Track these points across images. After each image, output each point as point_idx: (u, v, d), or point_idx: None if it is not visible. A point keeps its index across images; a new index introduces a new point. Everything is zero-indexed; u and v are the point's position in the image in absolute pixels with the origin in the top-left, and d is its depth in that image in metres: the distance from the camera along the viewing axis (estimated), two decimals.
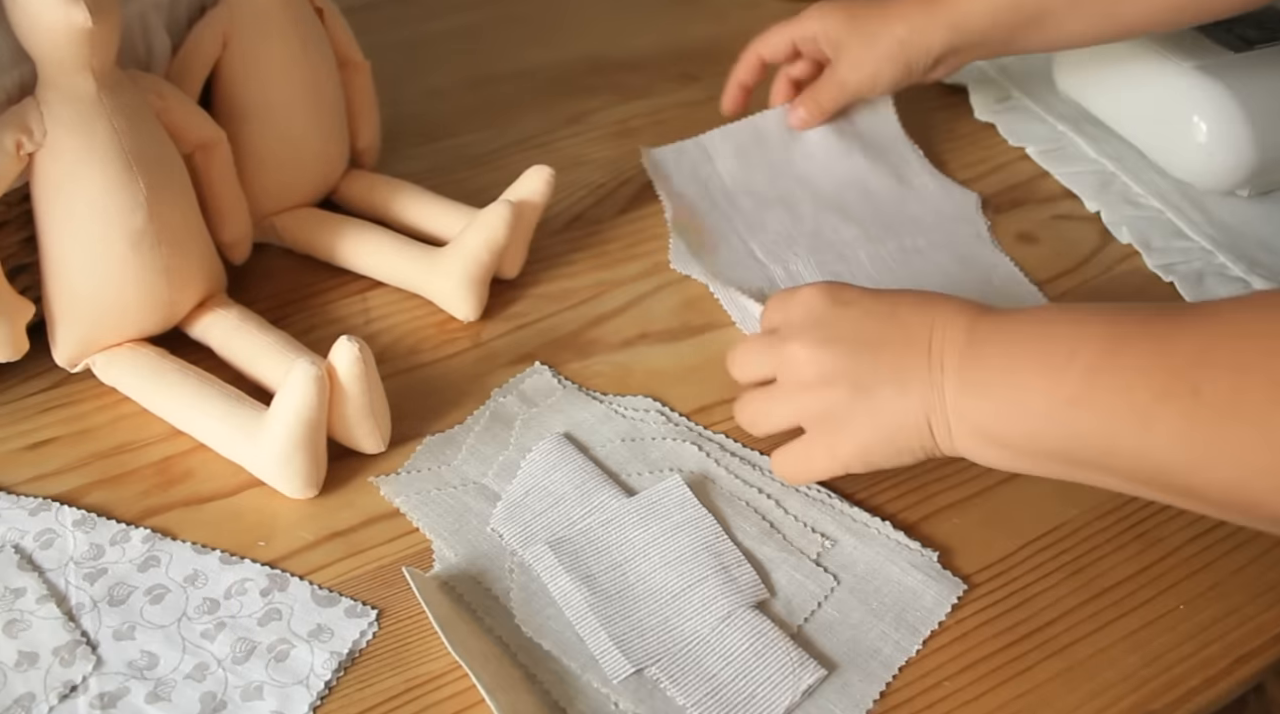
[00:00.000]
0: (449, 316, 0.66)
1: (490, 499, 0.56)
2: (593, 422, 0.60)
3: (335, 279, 0.68)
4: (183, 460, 0.57)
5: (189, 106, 0.61)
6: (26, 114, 0.53)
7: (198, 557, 0.53)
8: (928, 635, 0.52)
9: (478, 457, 0.58)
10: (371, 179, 0.72)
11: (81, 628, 0.50)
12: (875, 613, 0.52)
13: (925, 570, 0.54)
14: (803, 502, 0.57)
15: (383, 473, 0.57)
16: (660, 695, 0.49)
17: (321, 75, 0.67)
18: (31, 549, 0.52)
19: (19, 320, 0.57)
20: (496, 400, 0.61)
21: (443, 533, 0.54)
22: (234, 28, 0.63)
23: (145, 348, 0.60)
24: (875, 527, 0.55)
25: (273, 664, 0.49)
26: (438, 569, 0.53)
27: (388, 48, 0.84)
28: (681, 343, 0.66)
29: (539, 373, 0.63)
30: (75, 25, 0.50)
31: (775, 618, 0.51)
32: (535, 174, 0.67)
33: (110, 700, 0.47)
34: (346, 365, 0.54)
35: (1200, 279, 0.71)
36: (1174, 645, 0.52)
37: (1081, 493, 0.58)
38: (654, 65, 0.89)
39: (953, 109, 0.87)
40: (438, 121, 0.82)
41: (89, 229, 0.55)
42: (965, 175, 0.80)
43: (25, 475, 0.56)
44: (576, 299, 0.69)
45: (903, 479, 0.58)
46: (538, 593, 0.52)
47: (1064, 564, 0.55)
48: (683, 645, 0.50)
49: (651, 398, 0.62)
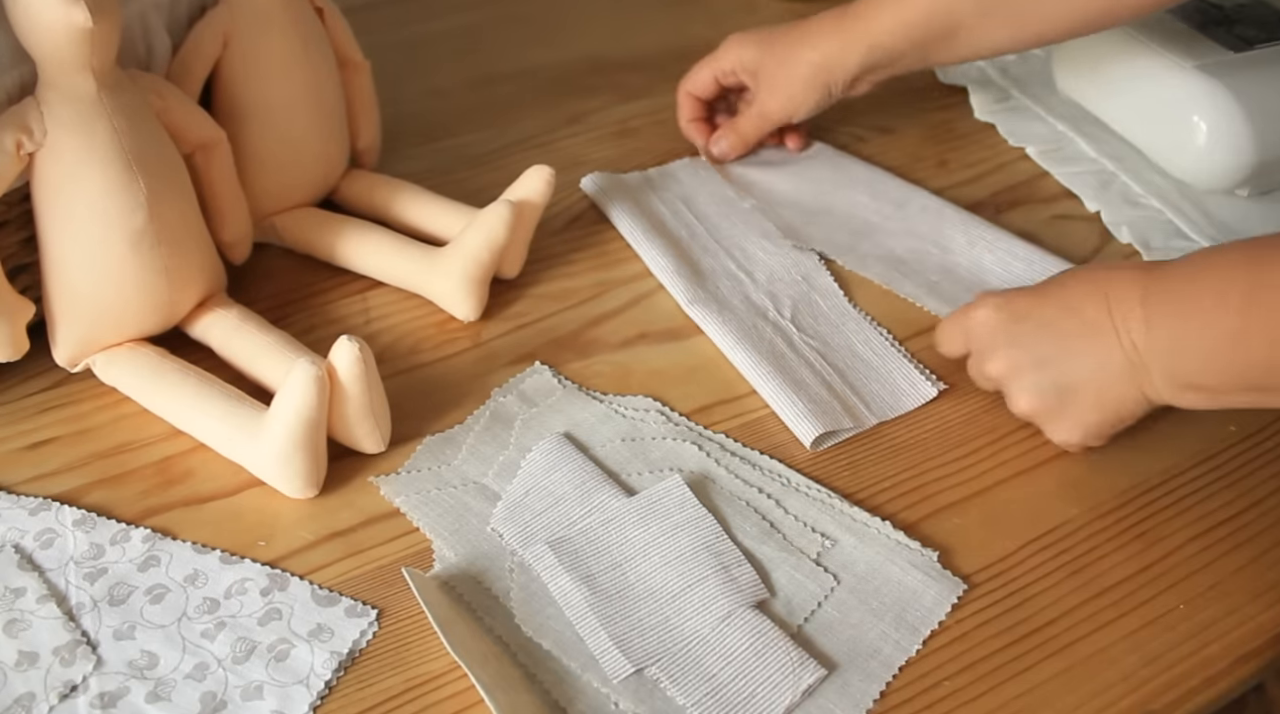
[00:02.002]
0: (449, 316, 0.66)
1: (490, 499, 0.56)
2: (593, 421, 0.60)
3: (335, 279, 0.68)
4: (183, 460, 0.57)
5: (189, 106, 0.61)
6: (27, 114, 0.53)
7: (198, 556, 0.53)
8: (928, 635, 0.52)
9: (478, 456, 0.58)
10: (372, 179, 0.72)
11: (82, 628, 0.50)
12: (875, 613, 0.52)
13: (925, 570, 0.54)
14: (803, 501, 0.57)
15: (382, 473, 0.57)
16: (660, 695, 0.49)
17: (322, 75, 0.67)
18: (32, 549, 0.52)
19: (19, 320, 0.57)
20: (496, 400, 0.61)
21: (443, 533, 0.54)
22: (234, 27, 0.63)
23: (145, 348, 0.60)
24: (875, 526, 0.55)
25: (273, 664, 0.49)
26: (438, 569, 0.53)
27: (388, 48, 0.84)
28: (682, 343, 0.66)
29: (539, 373, 0.63)
30: (75, 25, 0.50)
31: (775, 618, 0.51)
32: (535, 174, 0.67)
33: (110, 700, 0.47)
34: (347, 365, 0.54)
35: None
36: (1174, 645, 0.52)
37: (1081, 493, 0.58)
38: (654, 65, 0.89)
39: (953, 109, 0.87)
40: (438, 121, 0.82)
41: (89, 229, 0.55)
42: (965, 175, 0.80)
43: (25, 475, 0.56)
44: (576, 299, 0.69)
45: (903, 479, 0.59)
46: (538, 593, 0.52)
47: (1064, 564, 0.55)
48: (683, 645, 0.50)
49: (651, 398, 0.62)
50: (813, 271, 0.70)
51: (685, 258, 0.70)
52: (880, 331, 0.67)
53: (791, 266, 0.70)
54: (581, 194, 0.76)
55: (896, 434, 0.61)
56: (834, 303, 0.68)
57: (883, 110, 0.86)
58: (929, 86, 0.89)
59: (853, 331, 0.66)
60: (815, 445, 0.59)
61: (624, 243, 0.72)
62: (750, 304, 0.67)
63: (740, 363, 0.63)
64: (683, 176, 0.77)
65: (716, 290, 0.68)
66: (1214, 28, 0.78)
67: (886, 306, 0.69)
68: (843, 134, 0.83)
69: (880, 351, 0.65)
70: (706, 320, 0.66)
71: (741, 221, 0.73)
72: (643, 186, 0.76)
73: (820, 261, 0.71)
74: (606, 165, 0.78)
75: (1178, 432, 0.62)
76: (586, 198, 0.76)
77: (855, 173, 0.78)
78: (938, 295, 0.69)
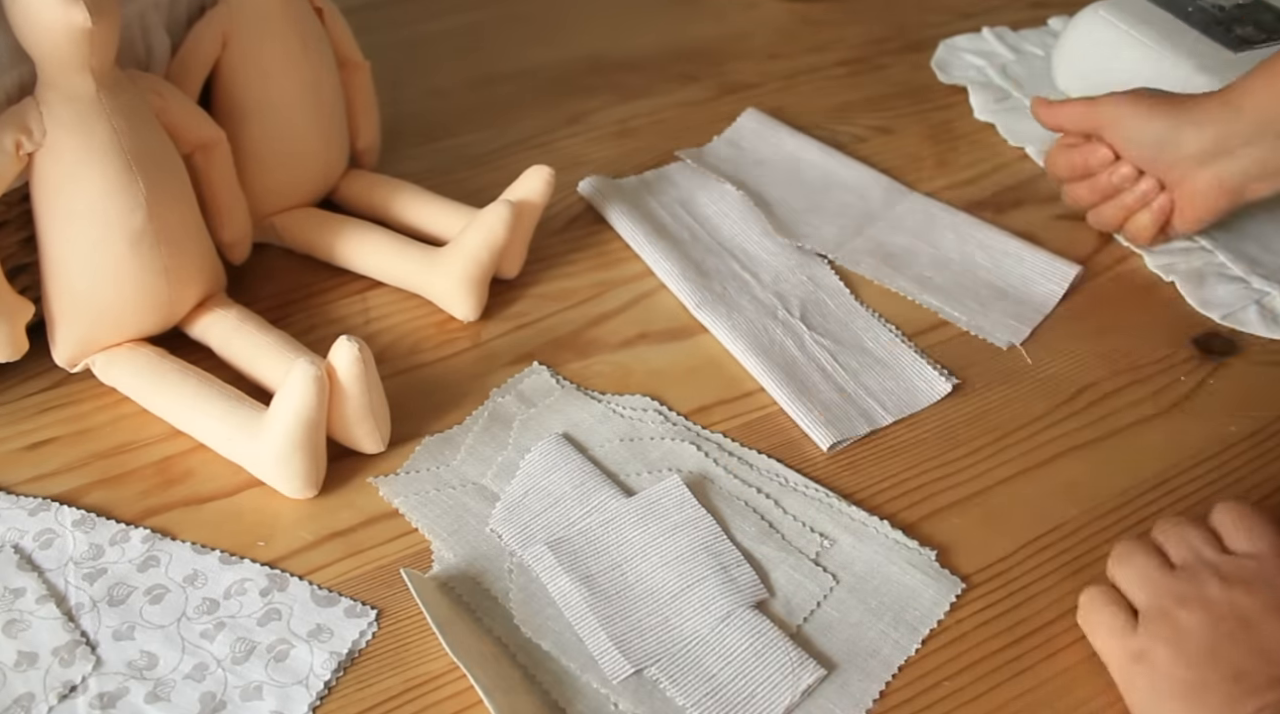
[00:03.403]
0: (449, 316, 0.66)
1: (489, 500, 0.56)
2: (591, 421, 0.60)
3: (335, 279, 0.68)
4: (182, 460, 0.57)
5: (189, 106, 0.61)
6: (26, 114, 0.53)
7: (197, 557, 0.53)
8: (926, 634, 0.52)
9: (476, 457, 0.58)
10: (371, 179, 0.72)
11: (81, 628, 0.50)
12: (874, 612, 0.52)
13: (924, 569, 0.54)
14: (801, 501, 0.57)
15: (382, 473, 0.57)
16: (660, 695, 0.49)
17: (321, 75, 0.67)
18: (31, 549, 0.52)
19: (19, 320, 0.57)
20: (495, 400, 0.61)
21: (441, 533, 0.54)
22: (234, 27, 0.63)
23: (145, 348, 0.60)
24: (874, 526, 0.55)
25: (272, 664, 0.49)
26: (436, 570, 0.53)
27: (388, 48, 0.84)
28: (681, 343, 0.66)
29: (537, 373, 0.63)
30: (75, 25, 0.50)
31: (774, 618, 0.51)
32: (535, 174, 0.67)
33: (110, 700, 0.47)
34: (346, 365, 0.54)
35: (1200, 279, 0.71)
36: None
37: (1081, 493, 0.58)
38: (654, 65, 0.89)
39: (953, 109, 0.87)
40: (438, 121, 0.82)
41: (89, 229, 0.55)
42: (965, 175, 0.80)
43: (25, 475, 0.56)
44: (576, 299, 0.69)
45: (903, 479, 0.59)
46: (537, 593, 0.52)
47: (1064, 564, 0.55)
48: (682, 645, 0.50)
49: (650, 397, 0.62)
50: (818, 271, 0.70)
51: (689, 260, 0.70)
52: (889, 328, 0.67)
53: (796, 266, 0.70)
54: (581, 194, 0.76)
55: (897, 434, 0.61)
56: (841, 301, 0.68)
57: (883, 110, 0.86)
58: (929, 86, 0.89)
59: (862, 329, 0.66)
60: (830, 450, 0.60)
61: (624, 243, 0.72)
62: (759, 304, 0.67)
63: (753, 368, 0.63)
64: (679, 179, 0.77)
65: (724, 292, 0.68)
66: (1214, 28, 0.78)
67: (891, 306, 0.69)
68: (843, 134, 0.83)
69: (891, 349, 0.65)
70: (716, 323, 0.66)
71: (741, 222, 0.73)
72: (640, 190, 0.76)
73: (824, 261, 0.71)
74: (606, 165, 0.78)
75: (1178, 431, 0.62)
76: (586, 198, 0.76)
77: (844, 174, 0.78)
78: (931, 289, 0.69)
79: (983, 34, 0.94)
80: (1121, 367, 0.66)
